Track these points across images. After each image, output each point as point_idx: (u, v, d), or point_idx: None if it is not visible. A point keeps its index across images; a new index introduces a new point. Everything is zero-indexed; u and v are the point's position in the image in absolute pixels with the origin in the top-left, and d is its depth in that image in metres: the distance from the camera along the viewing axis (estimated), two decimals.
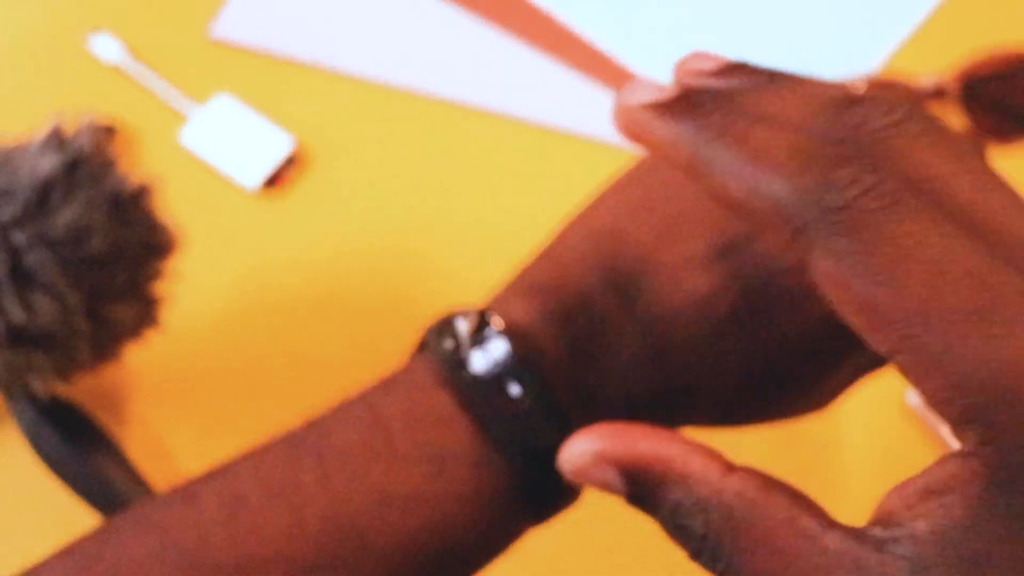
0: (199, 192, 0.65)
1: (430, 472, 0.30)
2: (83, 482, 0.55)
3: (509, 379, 0.30)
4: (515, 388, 0.30)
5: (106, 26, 0.70)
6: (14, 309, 0.46)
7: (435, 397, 0.31)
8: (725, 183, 0.23)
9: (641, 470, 0.23)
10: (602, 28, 0.71)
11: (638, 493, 0.23)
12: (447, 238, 0.65)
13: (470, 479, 0.30)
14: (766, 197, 0.22)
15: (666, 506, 0.23)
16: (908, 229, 0.21)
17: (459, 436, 0.30)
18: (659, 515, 0.23)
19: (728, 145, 0.23)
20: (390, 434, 0.30)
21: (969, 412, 0.21)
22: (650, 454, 0.23)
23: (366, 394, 0.32)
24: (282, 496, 0.30)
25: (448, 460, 0.30)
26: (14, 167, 0.47)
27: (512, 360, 0.30)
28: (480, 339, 0.30)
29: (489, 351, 0.30)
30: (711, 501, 0.22)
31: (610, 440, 0.24)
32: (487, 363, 0.30)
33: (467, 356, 0.30)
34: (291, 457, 0.30)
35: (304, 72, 0.69)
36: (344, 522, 0.29)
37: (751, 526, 0.22)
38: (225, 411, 0.60)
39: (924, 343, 0.21)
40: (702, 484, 0.23)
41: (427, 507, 0.30)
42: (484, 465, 0.30)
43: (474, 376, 0.30)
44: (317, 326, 0.62)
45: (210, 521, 0.29)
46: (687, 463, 0.23)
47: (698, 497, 0.23)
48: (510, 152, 0.67)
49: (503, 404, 0.30)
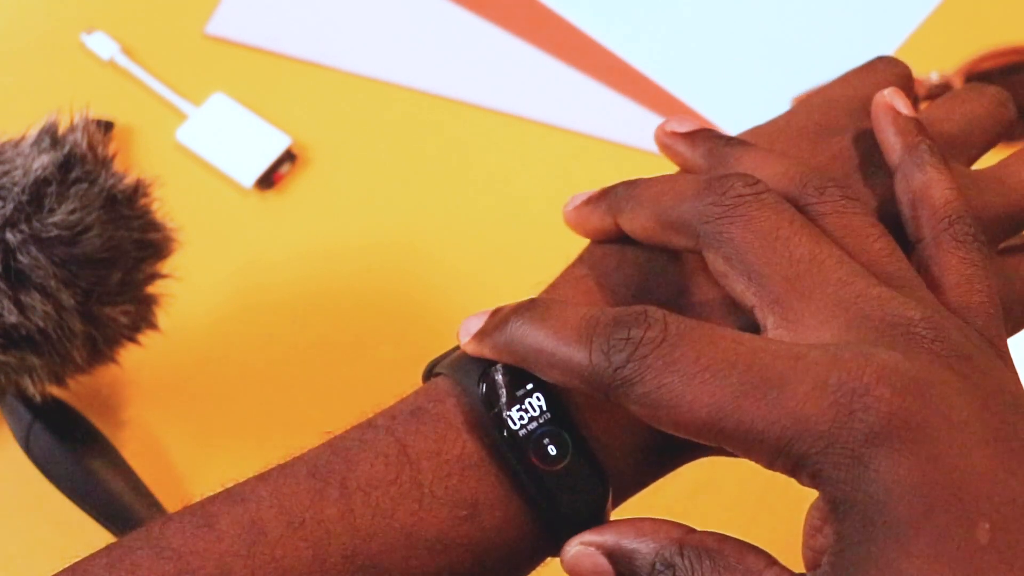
0: (195, 190, 0.65)
1: (460, 517, 0.30)
2: (78, 485, 0.54)
3: (546, 439, 0.30)
4: (552, 449, 0.30)
5: (102, 24, 0.69)
6: (7, 309, 0.46)
7: (467, 441, 0.30)
8: (546, 372, 0.29)
9: (620, 548, 0.29)
10: (595, 20, 0.70)
11: (622, 570, 0.28)
12: (444, 235, 0.64)
13: (500, 527, 0.30)
14: (576, 373, 0.28)
15: (644, 570, 0.28)
16: (677, 354, 0.27)
17: (491, 484, 0.30)
18: None
19: (537, 332, 0.29)
20: (419, 473, 0.30)
21: (790, 465, 0.26)
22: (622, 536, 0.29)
23: (392, 425, 0.31)
24: (304, 528, 0.29)
25: (480, 506, 0.30)
26: (8, 165, 0.47)
27: (550, 420, 0.30)
28: (517, 396, 0.30)
29: (527, 408, 0.30)
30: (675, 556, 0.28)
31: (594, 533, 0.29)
32: (525, 421, 0.30)
33: (505, 415, 0.30)
34: (313, 486, 0.30)
35: (300, 69, 0.69)
36: (366, 560, 0.29)
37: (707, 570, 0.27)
38: (222, 412, 0.59)
39: (730, 432, 0.26)
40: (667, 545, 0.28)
41: (454, 550, 0.29)
42: (515, 515, 0.30)
43: (512, 432, 0.30)
44: (314, 325, 0.62)
45: (229, 552, 0.28)
46: (655, 533, 0.28)
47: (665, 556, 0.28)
48: (508, 149, 0.67)
49: (539, 463, 0.30)
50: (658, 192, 0.31)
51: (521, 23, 0.70)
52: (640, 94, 0.68)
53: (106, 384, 0.59)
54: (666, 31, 0.70)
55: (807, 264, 0.28)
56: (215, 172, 0.65)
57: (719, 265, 0.29)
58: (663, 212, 0.31)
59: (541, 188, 0.66)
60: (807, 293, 0.28)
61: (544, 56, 0.69)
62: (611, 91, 0.68)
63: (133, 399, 0.59)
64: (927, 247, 0.31)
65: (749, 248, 0.29)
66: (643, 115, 0.67)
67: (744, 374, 0.26)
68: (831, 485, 0.25)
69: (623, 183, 0.33)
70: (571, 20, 0.70)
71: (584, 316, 0.28)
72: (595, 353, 0.27)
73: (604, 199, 0.33)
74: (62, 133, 0.48)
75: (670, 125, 0.35)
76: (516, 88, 0.68)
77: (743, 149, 0.33)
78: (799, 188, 0.31)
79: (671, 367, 0.26)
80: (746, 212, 0.29)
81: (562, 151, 0.67)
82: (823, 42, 0.69)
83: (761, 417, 0.26)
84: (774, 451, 0.26)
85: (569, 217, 0.34)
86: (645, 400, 0.27)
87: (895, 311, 0.27)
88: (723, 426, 0.26)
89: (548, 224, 0.34)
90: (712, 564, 0.27)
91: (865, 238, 0.30)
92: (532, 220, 0.64)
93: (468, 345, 0.31)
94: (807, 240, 0.29)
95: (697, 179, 0.31)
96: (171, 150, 0.66)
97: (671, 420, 0.27)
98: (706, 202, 0.30)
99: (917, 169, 0.31)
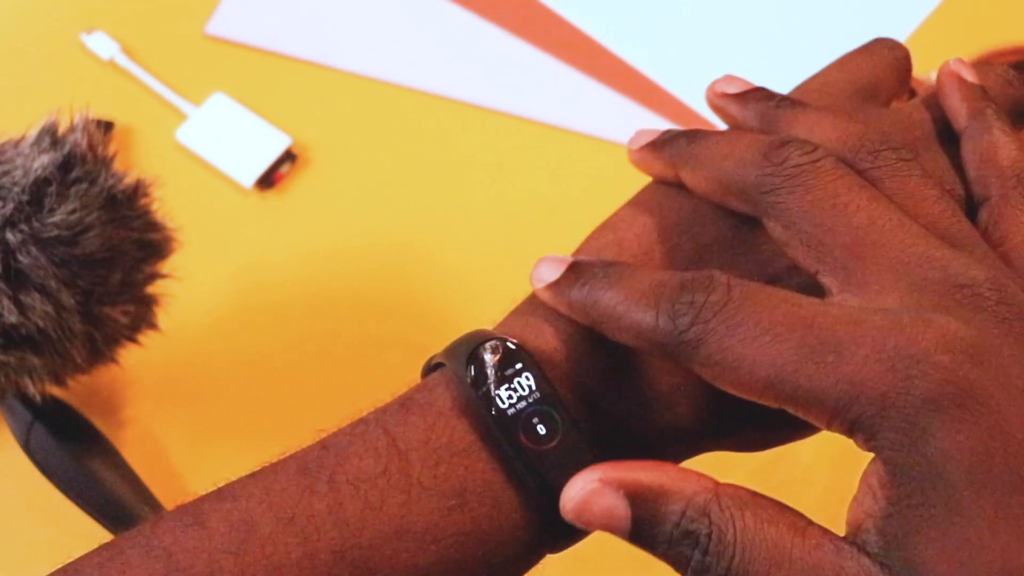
0: (195, 190, 0.65)
1: (450, 506, 0.29)
2: (78, 485, 0.54)
3: (536, 418, 0.29)
4: (542, 428, 0.29)
5: (102, 24, 0.69)
6: (7, 309, 0.46)
7: (456, 427, 0.30)
8: (614, 334, 0.29)
9: (644, 489, 0.27)
10: (595, 20, 0.70)
11: (642, 514, 0.27)
12: (444, 235, 0.64)
13: (490, 515, 0.29)
14: (644, 336, 0.28)
15: (672, 517, 0.26)
16: (740, 317, 0.27)
17: (480, 470, 0.30)
18: (663, 529, 0.26)
19: (609, 296, 0.29)
20: (408, 464, 0.29)
21: (847, 427, 0.26)
22: (650, 475, 0.27)
23: (382, 417, 0.31)
24: (293, 525, 0.29)
25: (469, 495, 0.29)
26: (8, 165, 0.47)
27: (540, 399, 0.30)
28: (506, 375, 0.30)
29: (516, 387, 0.30)
30: (711, 504, 0.26)
31: (611, 469, 0.27)
32: (514, 400, 0.29)
33: (493, 393, 0.29)
34: (303, 482, 0.29)
35: (300, 69, 0.69)
36: (356, 555, 0.29)
37: (748, 523, 0.26)
38: (222, 412, 0.59)
39: (790, 393, 0.26)
40: (701, 493, 0.26)
41: (444, 542, 0.29)
42: (505, 501, 0.30)
43: (500, 411, 0.29)
44: (314, 325, 0.62)
45: (219, 549, 0.28)
46: (684, 478, 0.27)
47: (700, 502, 0.26)
48: (508, 149, 0.67)
49: (528, 443, 0.29)
50: (719, 155, 0.31)
51: (521, 23, 0.70)
52: (640, 94, 0.68)
53: (106, 384, 0.59)
54: (666, 31, 0.70)
55: (867, 229, 0.28)
56: (215, 172, 0.65)
57: (779, 233, 0.30)
58: (723, 176, 0.31)
59: (541, 188, 0.66)
60: (868, 258, 0.28)
61: (544, 56, 0.69)
62: (611, 91, 0.68)
63: (133, 399, 0.59)
64: (995, 205, 0.31)
65: (808, 217, 0.29)
66: (643, 115, 0.67)
67: (803, 338, 0.26)
68: (887, 449, 0.25)
69: (684, 134, 0.33)
70: (571, 20, 0.70)
71: (654, 280, 0.29)
72: (662, 317, 0.28)
73: (666, 149, 0.33)
74: (62, 133, 0.48)
75: (720, 86, 0.35)
76: (516, 88, 0.68)
77: (796, 110, 0.33)
78: (853, 151, 0.31)
79: (733, 330, 0.27)
80: (804, 181, 0.29)
81: (562, 151, 0.67)
82: (823, 42, 0.69)
83: (819, 380, 0.26)
84: (831, 414, 0.26)
85: (634, 158, 0.35)
86: (708, 362, 0.27)
87: (959, 272, 0.27)
88: (782, 388, 0.26)
89: (548, 224, 0.34)
90: (755, 516, 0.26)
91: (924, 200, 0.30)
92: (532, 220, 0.64)
93: (544, 292, 0.31)
94: (866, 205, 0.29)
95: (756, 143, 0.31)
96: (171, 150, 0.66)
97: (733, 381, 0.27)
98: (764, 172, 0.30)
99: (984, 131, 0.32)
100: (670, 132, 0.34)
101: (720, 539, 0.26)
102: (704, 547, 0.26)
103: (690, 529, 0.26)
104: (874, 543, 0.25)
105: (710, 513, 0.26)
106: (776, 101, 0.33)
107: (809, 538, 0.26)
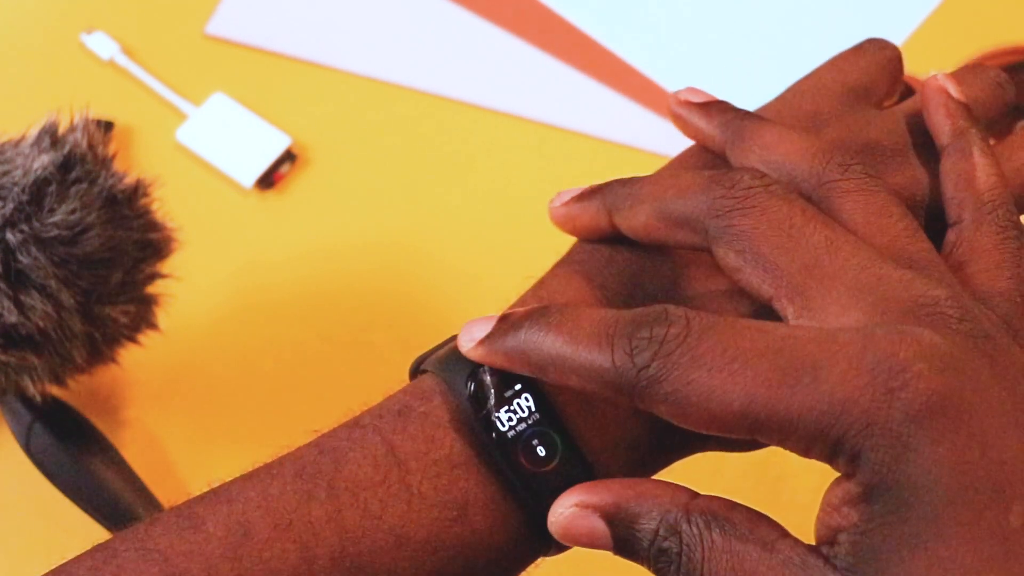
0: (195, 190, 0.65)
1: (450, 518, 0.29)
2: (78, 485, 0.54)
3: (535, 439, 0.29)
4: (541, 450, 0.29)
5: (102, 24, 0.69)
6: (7, 309, 0.46)
7: (455, 441, 0.30)
8: (563, 379, 0.28)
9: (619, 510, 0.27)
10: (595, 20, 0.70)
11: (620, 533, 0.27)
12: (444, 235, 0.64)
13: (490, 528, 0.29)
14: (597, 378, 0.27)
15: (647, 536, 0.27)
16: (703, 348, 0.26)
17: (481, 484, 0.30)
18: (642, 547, 0.27)
19: (552, 339, 0.28)
20: (407, 474, 0.29)
21: (828, 451, 0.25)
22: (624, 495, 0.27)
23: (379, 424, 0.30)
24: (291, 530, 0.28)
25: (470, 507, 0.29)
26: (8, 165, 0.47)
27: (539, 421, 0.29)
28: (506, 396, 0.30)
29: (515, 409, 0.30)
30: (681, 522, 0.26)
31: (586, 493, 0.28)
32: (513, 422, 0.29)
33: (493, 416, 0.29)
34: (301, 487, 0.29)
35: (300, 69, 0.69)
36: (355, 562, 0.28)
37: (715, 539, 0.26)
38: (222, 412, 0.59)
39: (764, 422, 0.25)
40: (672, 509, 0.27)
41: (444, 552, 0.29)
42: (504, 516, 0.30)
43: (500, 435, 0.29)
44: (314, 325, 0.62)
45: (215, 552, 0.28)
46: (658, 494, 0.27)
47: (670, 521, 0.26)
48: (508, 149, 0.67)
49: (527, 464, 0.29)
50: (661, 188, 0.31)
51: (521, 23, 0.70)
52: (640, 94, 0.68)
53: (106, 384, 0.59)
54: (666, 31, 0.70)
55: (824, 250, 0.28)
56: (215, 172, 0.65)
57: (731, 260, 0.29)
58: (667, 208, 0.30)
59: (541, 188, 0.65)
60: (827, 279, 0.27)
61: (544, 56, 0.69)
62: (611, 91, 0.68)
63: (133, 399, 0.59)
64: (964, 229, 0.30)
65: (763, 239, 0.28)
66: (643, 115, 0.67)
67: (775, 361, 0.25)
68: (869, 467, 0.25)
69: (618, 180, 0.33)
70: (571, 20, 0.70)
71: (601, 318, 0.28)
72: (617, 355, 0.27)
73: (597, 196, 0.33)
74: (62, 133, 0.48)
75: (684, 95, 0.34)
76: (516, 88, 0.68)
77: (760, 123, 0.32)
78: (823, 164, 0.30)
79: (698, 362, 0.26)
80: (757, 203, 0.29)
81: (562, 151, 0.67)
82: (823, 43, 0.69)
83: (796, 403, 0.25)
84: (811, 437, 0.25)
85: (556, 214, 0.34)
86: (674, 398, 0.26)
87: (920, 291, 0.27)
88: (757, 416, 0.25)
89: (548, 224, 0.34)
90: (723, 533, 0.26)
91: (888, 216, 0.29)
92: (532, 220, 0.64)
93: (474, 351, 0.30)
94: (821, 227, 0.28)
95: (701, 174, 0.30)
96: (171, 150, 0.66)
97: (702, 416, 0.26)
98: (714, 196, 0.29)
99: (965, 153, 0.31)
100: (596, 185, 0.33)
101: (689, 557, 0.26)
102: (676, 565, 0.26)
103: (663, 547, 0.26)
104: (843, 558, 0.25)
105: (680, 531, 0.26)
106: (742, 114, 0.33)
107: (777, 553, 0.25)
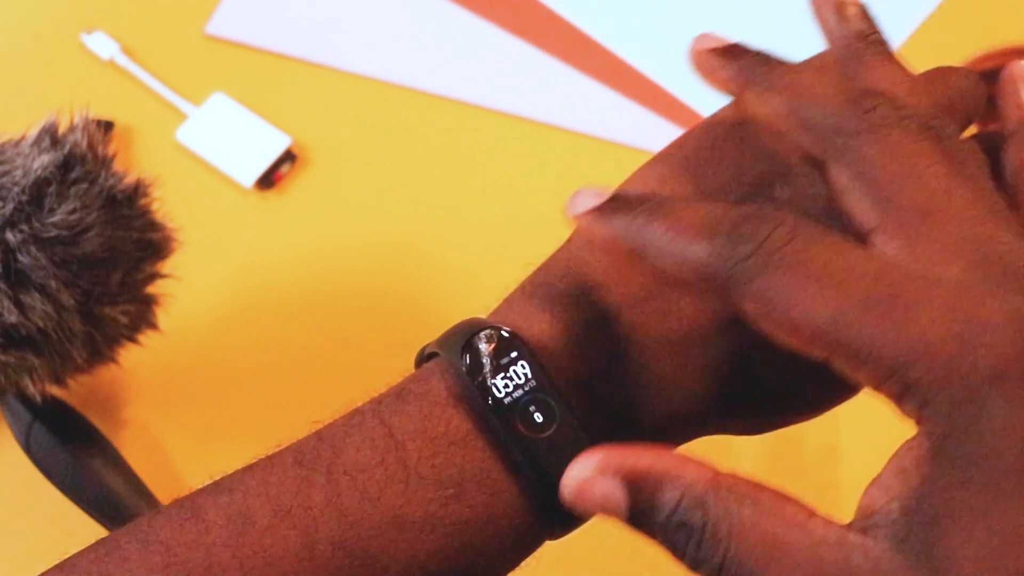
0: (195, 190, 0.65)
1: (447, 496, 0.29)
2: (78, 485, 0.54)
3: (532, 406, 0.29)
4: (539, 416, 0.29)
5: (102, 24, 0.69)
6: (7, 309, 0.46)
7: (452, 416, 0.30)
8: (659, 262, 0.27)
9: (641, 476, 0.26)
10: (595, 20, 0.70)
11: (639, 501, 0.26)
12: (444, 235, 0.64)
13: (488, 504, 0.29)
14: (691, 265, 0.26)
15: (667, 506, 0.25)
16: (805, 256, 0.25)
17: (477, 459, 0.29)
18: (660, 517, 0.25)
19: (655, 227, 0.27)
20: (405, 454, 0.29)
21: (900, 389, 0.24)
22: (648, 462, 0.26)
23: (378, 408, 0.31)
24: (291, 516, 0.29)
25: (466, 484, 0.29)
26: (8, 165, 0.47)
27: (536, 387, 0.29)
28: (502, 364, 0.30)
29: (511, 376, 0.30)
30: (708, 495, 0.25)
31: (610, 453, 0.26)
32: (510, 389, 0.29)
33: (489, 383, 0.29)
34: (299, 474, 0.29)
35: (300, 69, 0.69)
36: (355, 546, 0.29)
37: (744, 515, 0.25)
38: (222, 412, 0.59)
39: (846, 343, 0.24)
40: (698, 482, 0.25)
41: (443, 531, 0.29)
42: (503, 489, 0.29)
43: (496, 401, 0.29)
44: (314, 325, 0.62)
45: (216, 541, 0.28)
46: (683, 466, 0.26)
47: (696, 492, 0.25)
48: (508, 149, 0.67)
49: (525, 431, 0.29)
50: (798, 85, 0.30)
51: (521, 23, 0.70)
52: (640, 94, 0.68)
53: (106, 384, 0.59)
54: (666, 31, 0.70)
55: (942, 196, 0.27)
56: (215, 172, 0.65)
57: (843, 179, 0.28)
58: (798, 108, 0.29)
59: (541, 188, 0.66)
60: (937, 225, 0.27)
61: (544, 56, 0.69)
62: (611, 91, 0.68)
63: (133, 399, 0.59)
64: None
65: (884, 170, 0.27)
66: (643, 115, 0.67)
67: (872, 288, 0.25)
68: (937, 419, 0.24)
69: (758, 57, 0.32)
70: (571, 20, 0.70)
71: (708, 211, 0.27)
72: (718, 243, 0.26)
73: (737, 62, 0.32)
74: (62, 133, 0.48)
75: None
76: (516, 88, 0.68)
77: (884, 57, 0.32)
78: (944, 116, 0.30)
79: (796, 268, 0.25)
80: (888, 133, 0.28)
81: (562, 151, 0.67)
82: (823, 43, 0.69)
83: (882, 334, 0.24)
84: (887, 371, 0.24)
85: (697, 59, 0.33)
86: (763, 295, 0.25)
87: (1022, 259, 0.26)
88: (840, 336, 0.24)
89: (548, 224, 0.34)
90: (754, 509, 0.25)
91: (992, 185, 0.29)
92: (532, 220, 0.64)
93: (583, 218, 0.29)
94: (945, 173, 0.27)
95: (841, 85, 0.30)
96: (171, 150, 0.66)
97: (785, 322, 0.25)
98: (848, 114, 0.28)
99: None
100: (738, 48, 0.32)
101: (714, 532, 0.25)
102: (698, 539, 0.25)
103: (684, 520, 0.25)
104: (895, 526, 0.24)
105: (705, 504, 0.25)
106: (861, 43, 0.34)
107: (810, 532, 0.24)
